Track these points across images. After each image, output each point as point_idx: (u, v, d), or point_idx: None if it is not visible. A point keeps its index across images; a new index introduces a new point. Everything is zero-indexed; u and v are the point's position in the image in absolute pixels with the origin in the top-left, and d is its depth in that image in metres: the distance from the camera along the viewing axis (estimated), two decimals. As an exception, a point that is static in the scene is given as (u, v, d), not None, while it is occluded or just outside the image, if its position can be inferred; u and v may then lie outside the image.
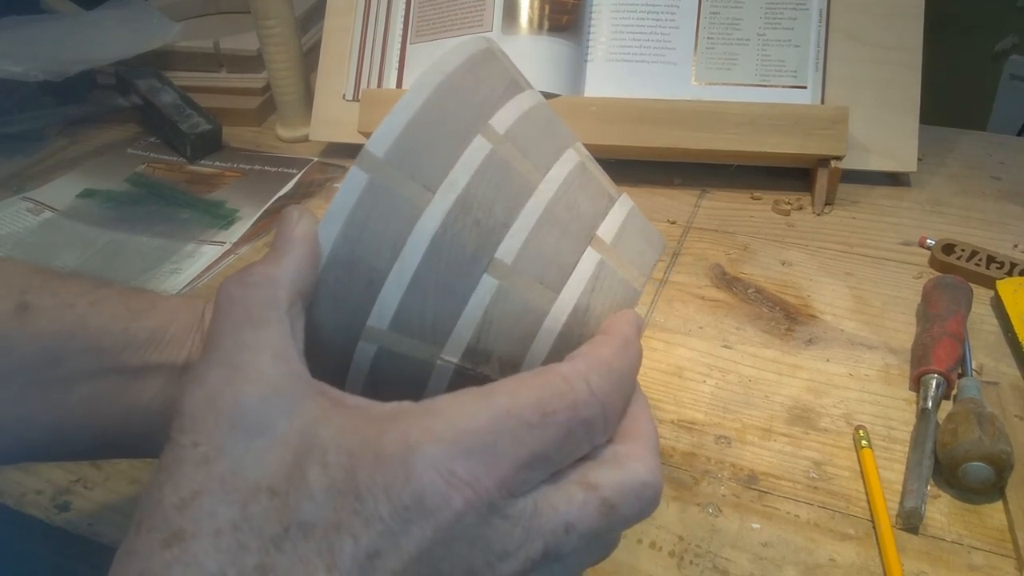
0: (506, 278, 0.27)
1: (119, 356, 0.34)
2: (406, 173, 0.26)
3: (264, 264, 0.26)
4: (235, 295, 0.24)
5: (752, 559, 0.38)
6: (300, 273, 0.26)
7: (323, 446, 0.21)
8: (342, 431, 0.22)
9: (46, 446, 0.34)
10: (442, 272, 0.26)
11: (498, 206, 0.27)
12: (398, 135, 0.26)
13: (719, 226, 0.62)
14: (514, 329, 0.27)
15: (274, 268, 0.25)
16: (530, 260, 0.27)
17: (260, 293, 0.24)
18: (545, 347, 0.28)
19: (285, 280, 0.25)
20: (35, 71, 0.72)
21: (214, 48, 0.82)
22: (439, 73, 0.27)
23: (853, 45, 0.65)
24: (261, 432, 0.21)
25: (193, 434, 0.21)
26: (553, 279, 0.28)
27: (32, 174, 0.74)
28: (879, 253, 0.58)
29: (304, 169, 0.71)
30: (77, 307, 0.34)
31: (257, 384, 0.22)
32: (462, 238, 0.26)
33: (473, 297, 0.27)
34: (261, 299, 0.24)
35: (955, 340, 0.46)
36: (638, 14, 0.67)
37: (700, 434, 0.44)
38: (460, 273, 0.27)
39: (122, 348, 0.34)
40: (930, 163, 0.68)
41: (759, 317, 0.53)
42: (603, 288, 0.29)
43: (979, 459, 0.39)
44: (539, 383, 0.23)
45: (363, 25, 0.72)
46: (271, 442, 0.21)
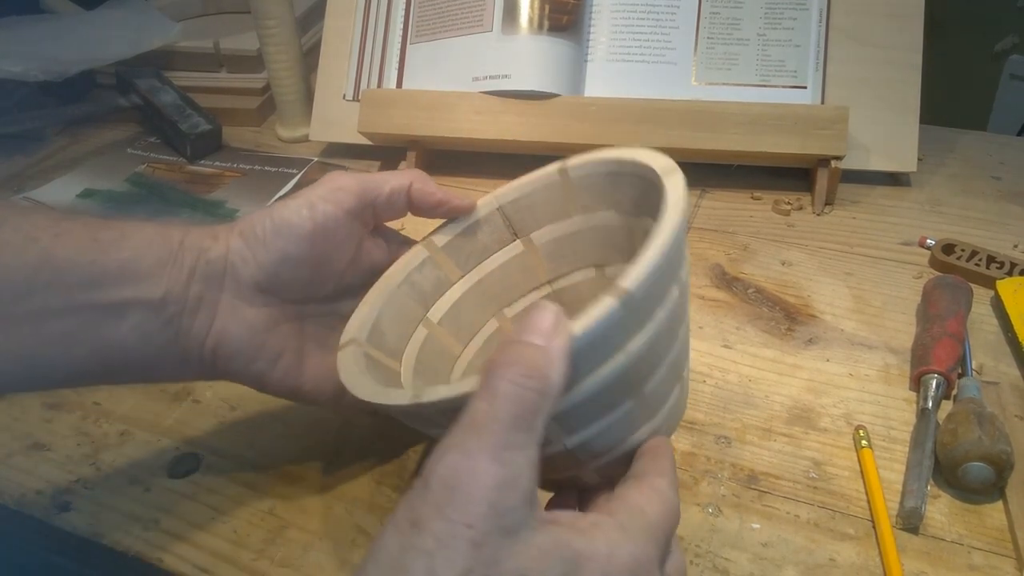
0: (640, 402, 0.31)
1: (89, 293, 0.34)
2: (643, 314, 0.29)
3: (541, 367, 0.25)
4: (510, 392, 0.25)
5: (752, 559, 0.38)
6: (562, 387, 0.26)
7: (548, 552, 0.24)
8: (561, 543, 0.25)
9: (20, 380, 0.35)
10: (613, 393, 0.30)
11: (663, 342, 0.31)
12: (649, 275, 0.28)
13: (719, 226, 0.62)
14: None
15: (548, 373, 0.25)
16: (657, 395, 0.32)
17: (534, 400, 0.25)
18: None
19: (554, 392, 0.26)
20: (35, 71, 0.72)
21: (214, 48, 0.82)
22: (678, 215, 0.31)
23: (853, 45, 0.65)
24: (515, 534, 0.24)
25: (467, 516, 0.23)
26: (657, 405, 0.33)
27: (32, 174, 0.74)
28: (879, 253, 0.58)
29: (304, 169, 0.71)
30: (41, 240, 0.33)
31: (521, 492, 0.24)
32: (642, 368, 0.30)
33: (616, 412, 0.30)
34: (534, 406, 0.25)
35: (955, 340, 0.46)
36: (638, 14, 0.67)
37: (700, 434, 0.44)
38: (623, 395, 0.30)
39: (91, 283, 0.34)
40: (930, 163, 0.68)
41: (759, 317, 0.53)
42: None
43: (979, 459, 0.39)
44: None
45: (363, 25, 0.72)
46: (522, 544, 0.24)
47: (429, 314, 0.41)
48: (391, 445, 0.45)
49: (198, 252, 0.37)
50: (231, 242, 0.38)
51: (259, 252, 0.37)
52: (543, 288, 0.44)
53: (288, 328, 0.40)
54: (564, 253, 0.43)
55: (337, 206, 0.38)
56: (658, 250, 0.29)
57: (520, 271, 0.43)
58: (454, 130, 0.65)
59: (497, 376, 0.25)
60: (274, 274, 0.38)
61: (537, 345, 0.25)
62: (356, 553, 0.39)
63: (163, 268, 0.36)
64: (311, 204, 0.38)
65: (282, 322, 0.39)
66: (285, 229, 0.37)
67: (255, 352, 0.38)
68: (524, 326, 0.26)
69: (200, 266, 0.37)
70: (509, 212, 0.42)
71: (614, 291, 0.28)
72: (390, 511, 0.41)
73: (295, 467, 0.44)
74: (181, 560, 0.39)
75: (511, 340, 0.26)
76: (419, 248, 0.41)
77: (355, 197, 0.39)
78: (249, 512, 0.41)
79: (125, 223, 0.36)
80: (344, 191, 0.38)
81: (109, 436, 0.46)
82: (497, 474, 0.23)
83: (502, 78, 0.65)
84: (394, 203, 0.40)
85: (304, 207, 0.38)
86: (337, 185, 0.39)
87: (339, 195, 0.38)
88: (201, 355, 0.38)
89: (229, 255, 0.37)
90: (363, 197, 0.39)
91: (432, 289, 0.41)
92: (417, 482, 0.24)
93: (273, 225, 0.38)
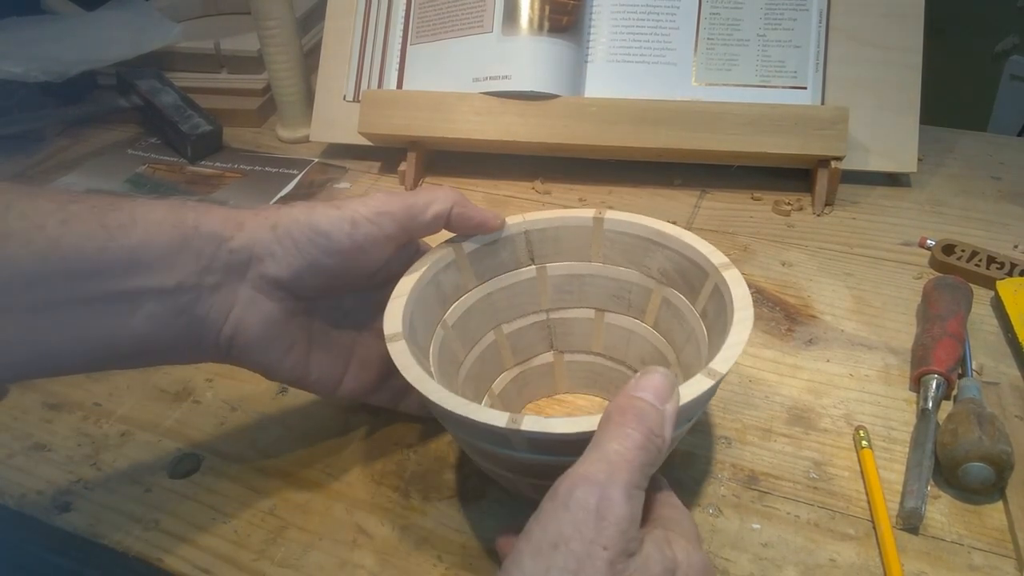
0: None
1: (99, 282, 0.33)
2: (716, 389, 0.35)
3: (661, 427, 0.29)
4: (641, 443, 0.28)
5: (752, 559, 0.38)
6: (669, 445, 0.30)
7: (655, 564, 0.28)
8: (662, 556, 0.28)
9: (32, 368, 0.34)
10: None
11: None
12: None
13: (719, 226, 0.62)
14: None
15: (665, 434, 0.29)
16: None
17: (655, 453, 0.29)
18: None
19: (666, 450, 0.30)
20: (36, 72, 0.72)
21: (215, 49, 0.82)
22: (751, 315, 0.36)
23: (853, 45, 0.65)
24: (634, 555, 0.27)
25: (604, 540, 0.26)
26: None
27: (33, 175, 0.74)
28: (879, 253, 0.58)
29: (305, 170, 0.71)
30: (47, 228, 0.32)
31: (638, 522, 0.28)
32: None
33: None
34: (654, 458, 0.29)
35: (955, 340, 0.46)
36: (638, 15, 0.67)
37: (700, 434, 0.44)
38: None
39: (100, 273, 0.33)
40: (930, 163, 0.68)
41: (759, 317, 0.53)
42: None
43: (979, 459, 0.39)
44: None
45: (363, 26, 0.72)
46: (639, 560, 0.27)
47: (446, 316, 0.42)
48: (391, 445, 0.45)
49: (219, 240, 0.36)
50: (259, 233, 0.37)
51: (290, 253, 0.37)
52: (541, 314, 0.46)
53: (300, 320, 0.40)
54: (571, 290, 0.45)
55: (380, 229, 0.38)
56: (741, 342, 0.34)
57: (527, 294, 0.45)
58: (454, 131, 0.66)
59: (628, 426, 0.28)
60: (299, 277, 0.38)
61: (655, 406, 0.29)
62: (356, 553, 0.39)
63: (176, 255, 0.35)
64: (354, 222, 0.38)
65: (296, 315, 0.40)
66: (323, 240, 0.37)
67: (269, 343, 0.38)
68: (643, 384, 0.30)
69: (222, 255, 0.36)
70: (534, 239, 0.44)
71: (710, 373, 0.33)
72: (390, 511, 0.41)
73: (295, 467, 0.44)
74: (181, 560, 0.39)
75: (632, 395, 0.29)
76: (447, 249, 0.42)
77: (398, 225, 0.39)
78: (249, 512, 0.41)
79: (135, 204, 0.35)
80: (389, 216, 0.38)
81: (110, 436, 0.46)
82: (629, 507, 0.27)
83: (502, 79, 0.65)
84: (433, 226, 0.40)
85: (347, 223, 0.38)
86: (383, 209, 0.38)
87: (383, 220, 0.38)
88: (217, 342, 0.37)
89: (255, 247, 0.37)
90: (406, 225, 0.39)
91: (451, 292, 0.42)
92: (549, 503, 0.27)
93: (312, 233, 0.37)
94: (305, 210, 0.38)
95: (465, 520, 0.40)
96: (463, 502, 0.41)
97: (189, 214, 0.36)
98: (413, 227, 0.39)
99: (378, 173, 0.72)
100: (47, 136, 0.80)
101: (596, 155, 0.67)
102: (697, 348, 0.40)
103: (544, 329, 0.46)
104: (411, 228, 0.39)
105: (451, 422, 0.35)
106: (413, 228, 0.39)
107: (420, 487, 0.42)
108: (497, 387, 0.45)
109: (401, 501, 0.42)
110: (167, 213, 0.36)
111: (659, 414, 0.29)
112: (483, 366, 0.44)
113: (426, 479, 0.43)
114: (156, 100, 0.76)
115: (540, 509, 0.27)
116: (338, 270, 0.38)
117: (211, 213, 0.37)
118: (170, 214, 0.36)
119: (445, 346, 0.41)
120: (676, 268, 0.41)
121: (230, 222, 0.37)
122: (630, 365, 0.45)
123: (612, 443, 0.28)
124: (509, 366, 0.46)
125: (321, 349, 0.41)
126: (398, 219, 0.39)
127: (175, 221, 0.36)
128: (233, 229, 0.37)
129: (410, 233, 0.40)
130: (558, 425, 0.31)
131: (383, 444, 0.45)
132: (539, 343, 0.46)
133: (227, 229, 0.37)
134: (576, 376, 0.47)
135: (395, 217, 0.39)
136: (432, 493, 0.42)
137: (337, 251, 0.38)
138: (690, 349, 0.40)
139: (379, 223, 0.38)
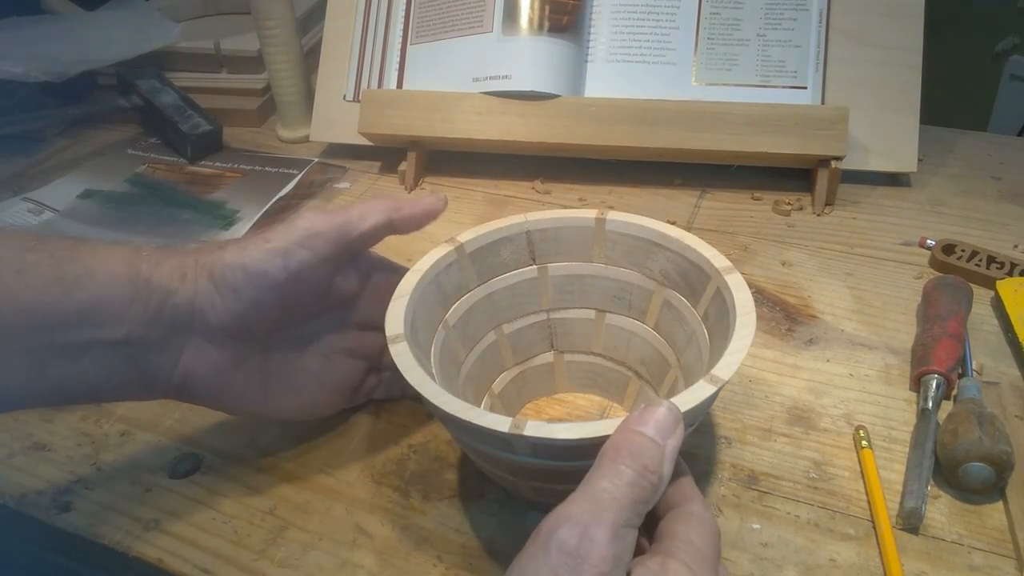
0: None
1: (51, 334, 0.34)
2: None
3: (658, 464, 0.28)
4: (632, 480, 0.27)
5: (752, 559, 0.38)
6: (667, 482, 0.29)
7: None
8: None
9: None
10: None
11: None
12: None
13: (719, 226, 0.62)
14: None
15: (662, 471, 0.28)
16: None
17: (649, 492, 0.28)
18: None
19: (663, 487, 0.28)
20: (35, 72, 0.72)
21: (215, 49, 0.82)
22: (754, 318, 0.36)
23: (853, 45, 0.65)
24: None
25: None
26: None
27: (33, 175, 0.74)
28: (879, 253, 0.58)
29: (305, 170, 0.71)
30: (4, 278, 0.33)
31: (625, 563, 0.26)
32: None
33: None
34: (647, 495, 0.28)
35: (955, 340, 0.46)
36: (638, 15, 0.67)
37: (700, 434, 0.44)
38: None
39: (53, 326, 0.34)
40: (930, 163, 0.68)
41: (759, 317, 0.52)
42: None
43: (979, 459, 0.39)
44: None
45: (363, 26, 0.72)
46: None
47: (447, 316, 0.42)
48: (391, 445, 0.45)
49: (165, 294, 0.36)
50: (199, 285, 0.37)
51: (230, 299, 0.37)
52: (541, 314, 0.46)
53: (254, 361, 0.40)
54: (572, 290, 0.45)
55: (313, 253, 0.38)
56: (744, 348, 0.34)
57: (527, 294, 0.45)
58: (454, 130, 0.66)
59: (622, 463, 0.27)
60: (244, 319, 0.38)
61: (656, 442, 0.28)
62: (356, 553, 0.39)
63: (127, 308, 0.35)
64: (286, 252, 0.37)
65: (249, 357, 0.39)
66: (258, 278, 0.37)
67: (220, 389, 0.39)
68: (644, 418, 0.29)
69: (167, 309, 0.36)
70: (535, 239, 0.44)
71: (712, 380, 0.33)
72: (390, 511, 0.41)
73: (295, 467, 0.44)
74: (181, 560, 0.39)
75: (632, 428, 0.28)
76: (448, 250, 0.42)
77: (331, 244, 0.38)
78: (249, 512, 0.41)
79: (93, 253, 0.35)
80: (321, 238, 0.38)
81: (109, 436, 0.46)
82: (614, 547, 0.26)
83: (502, 79, 0.65)
84: (370, 238, 0.40)
85: (279, 255, 0.37)
86: (314, 230, 0.38)
87: (315, 242, 0.38)
88: (168, 387, 0.38)
89: (197, 299, 0.37)
90: (340, 242, 0.39)
91: (453, 292, 0.42)
92: (531, 544, 0.26)
93: (246, 275, 0.37)
94: (236, 251, 0.37)
95: (465, 520, 0.40)
96: (463, 502, 0.41)
97: (143, 265, 0.36)
98: (349, 243, 0.39)
99: (378, 173, 0.72)
100: (47, 136, 0.80)
101: (596, 155, 0.67)
102: (699, 351, 0.40)
103: (545, 329, 0.46)
104: (347, 244, 0.39)
105: (453, 425, 0.35)
106: (349, 244, 0.39)
107: (420, 487, 0.42)
108: (497, 387, 0.45)
109: (401, 501, 0.42)
110: (123, 263, 0.36)
111: (659, 450, 0.28)
112: (483, 366, 0.44)
113: (426, 479, 0.43)
114: (156, 100, 0.76)
115: (523, 549, 0.27)
116: (282, 303, 0.38)
117: (163, 264, 0.37)
118: (125, 263, 0.36)
119: (446, 346, 0.41)
120: (678, 270, 0.41)
121: (176, 272, 0.37)
122: (630, 366, 0.45)
123: (602, 481, 0.27)
124: (509, 366, 0.46)
125: (281, 383, 0.41)
126: (331, 239, 0.38)
127: (130, 273, 0.36)
128: (178, 281, 0.37)
129: (347, 249, 0.39)
130: (560, 431, 0.31)
131: (383, 444, 0.45)
132: (539, 343, 0.46)
133: (173, 281, 0.37)
134: (576, 376, 0.47)
135: (327, 237, 0.38)
136: (432, 493, 0.42)
137: (274, 286, 0.37)
138: (691, 352, 0.40)
139: (312, 246, 0.38)
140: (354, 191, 0.70)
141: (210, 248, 0.38)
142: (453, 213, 0.66)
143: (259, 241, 0.38)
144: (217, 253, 0.38)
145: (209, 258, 0.37)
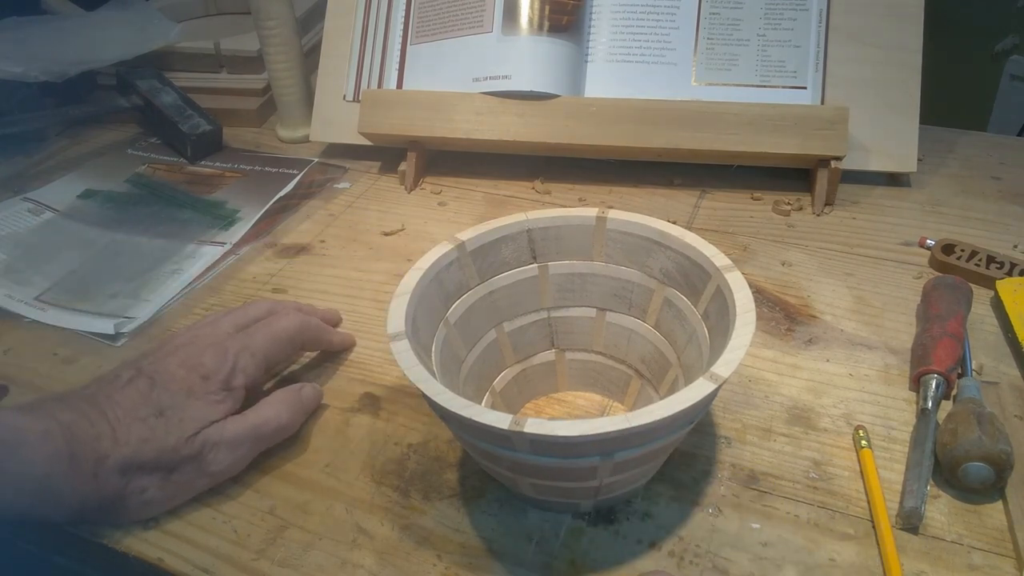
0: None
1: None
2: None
3: None
4: None
5: (752, 559, 0.38)
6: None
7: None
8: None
9: None
10: None
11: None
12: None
13: (719, 226, 0.62)
14: None
15: None
16: None
17: None
18: None
19: None
20: (35, 72, 0.72)
21: (215, 49, 0.82)
22: (754, 317, 0.36)
23: (853, 45, 0.65)
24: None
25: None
26: None
27: (33, 175, 0.74)
28: (879, 253, 0.58)
29: (304, 170, 0.71)
30: None
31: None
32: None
33: None
34: None
35: (955, 340, 0.46)
36: (638, 14, 0.67)
37: (700, 434, 0.44)
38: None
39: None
40: (930, 163, 0.68)
41: (759, 317, 0.53)
42: None
43: (979, 459, 0.39)
44: None
45: (363, 26, 0.72)
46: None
47: (448, 314, 0.42)
48: (391, 445, 0.45)
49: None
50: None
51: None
52: (542, 312, 0.46)
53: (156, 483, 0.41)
54: (573, 288, 0.45)
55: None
56: (744, 346, 0.34)
57: (528, 293, 0.45)
58: (454, 130, 0.66)
59: None
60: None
61: None
62: (356, 553, 0.39)
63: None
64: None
65: (149, 487, 0.40)
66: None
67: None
68: None
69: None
70: (536, 237, 0.44)
71: (712, 377, 0.33)
72: (390, 511, 0.41)
73: (295, 467, 0.44)
74: (181, 560, 0.39)
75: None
76: (449, 248, 0.42)
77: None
78: (249, 512, 0.41)
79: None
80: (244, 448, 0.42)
81: (109, 436, 0.46)
82: None
83: (502, 79, 0.65)
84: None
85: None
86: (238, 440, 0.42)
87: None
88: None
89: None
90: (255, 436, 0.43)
91: (454, 290, 0.42)
92: None
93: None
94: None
95: (465, 520, 0.40)
96: (463, 502, 0.41)
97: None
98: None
99: (378, 173, 0.72)
100: (47, 136, 0.80)
101: (596, 155, 0.67)
102: (699, 349, 0.40)
103: (545, 327, 0.46)
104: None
105: (454, 423, 0.35)
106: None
107: (420, 487, 0.42)
108: (498, 385, 0.45)
109: (401, 501, 0.42)
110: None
111: None
112: (484, 364, 0.44)
113: (426, 479, 0.43)
114: (156, 100, 0.76)
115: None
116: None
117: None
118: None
119: (447, 344, 0.41)
120: (678, 269, 0.41)
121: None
122: (631, 364, 0.45)
123: None
124: (510, 364, 0.46)
125: (184, 478, 0.42)
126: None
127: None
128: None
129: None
130: (560, 428, 0.31)
131: (383, 444, 0.45)
132: (540, 341, 0.46)
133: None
134: (577, 375, 0.47)
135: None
136: (432, 493, 0.42)
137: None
138: (692, 350, 0.41)
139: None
140: (354, 191, 0.70)
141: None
142: (453, 213, 0.66)
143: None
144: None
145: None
